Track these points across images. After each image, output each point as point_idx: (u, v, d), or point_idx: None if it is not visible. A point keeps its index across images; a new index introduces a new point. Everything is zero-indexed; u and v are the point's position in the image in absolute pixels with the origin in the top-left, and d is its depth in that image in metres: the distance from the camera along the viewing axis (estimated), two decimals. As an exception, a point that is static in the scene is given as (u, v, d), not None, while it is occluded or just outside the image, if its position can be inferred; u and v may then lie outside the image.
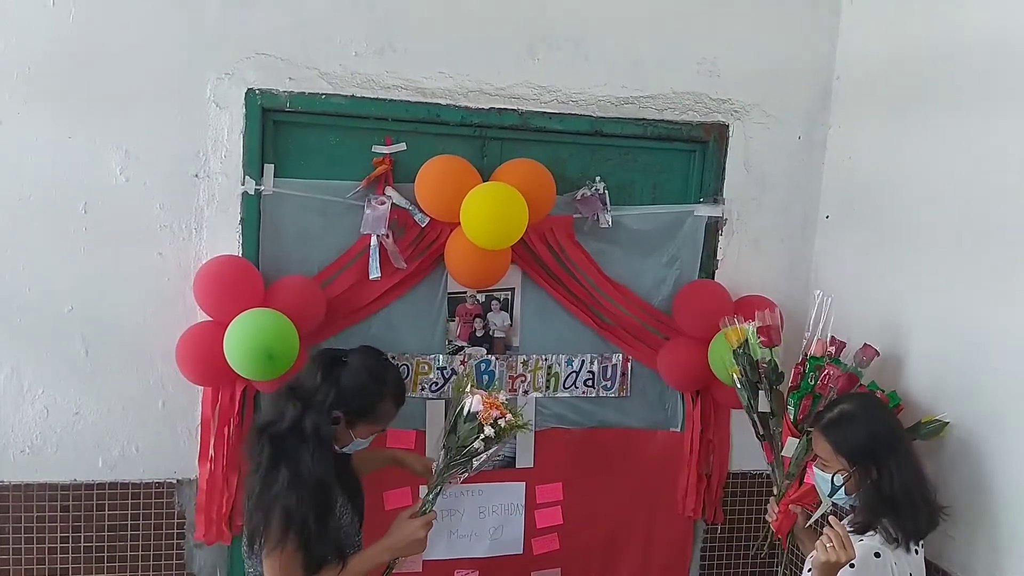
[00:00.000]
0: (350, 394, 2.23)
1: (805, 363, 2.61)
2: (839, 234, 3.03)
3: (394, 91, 2.72)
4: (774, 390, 2.67)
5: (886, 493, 2.12)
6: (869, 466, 2.16)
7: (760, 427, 2.72)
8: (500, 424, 2.24)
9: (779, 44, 3.00)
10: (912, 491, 2.13)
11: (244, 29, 2.60)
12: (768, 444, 2.72)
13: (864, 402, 2.33)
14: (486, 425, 2.22)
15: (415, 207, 2.74)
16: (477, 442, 2.22)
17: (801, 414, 2.58)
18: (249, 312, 2.44)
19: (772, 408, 2.67)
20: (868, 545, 2.07)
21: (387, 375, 2.33)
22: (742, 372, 2.70)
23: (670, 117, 2.95)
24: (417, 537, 2.21)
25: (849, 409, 2.25)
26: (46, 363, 2.61)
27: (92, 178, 2.56)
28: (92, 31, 2.51)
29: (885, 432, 2.22)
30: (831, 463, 2.22)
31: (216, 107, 2.61)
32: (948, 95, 2.53)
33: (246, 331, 2.40)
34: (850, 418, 2.23)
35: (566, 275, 2.92)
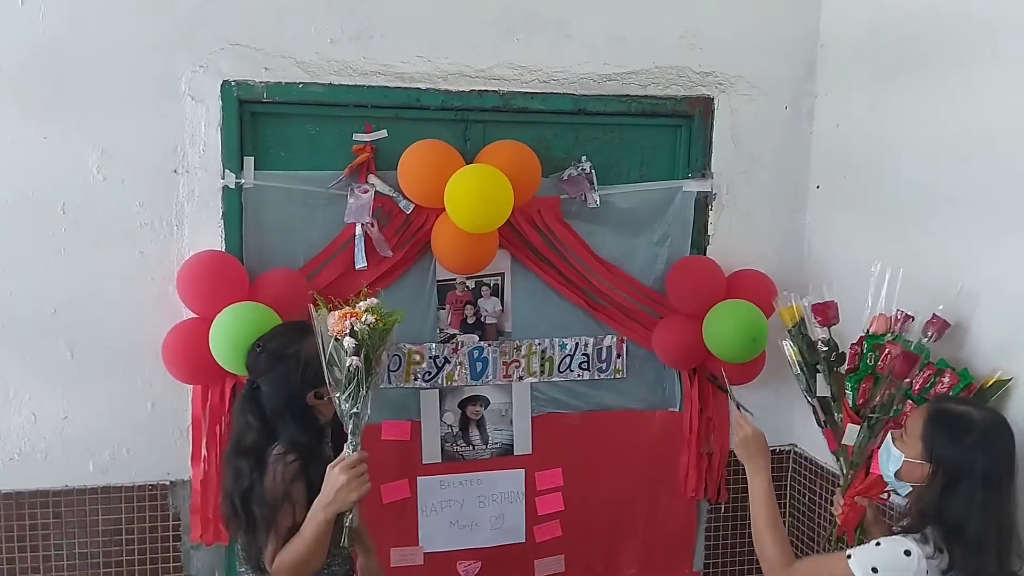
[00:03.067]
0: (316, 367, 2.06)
1: (863, 343, 2.43)
2: (831, 203, 2.99)
3: (372, 77, 2.68)
4: (835, 373, 2.51)
5: (949, 520, 1.88)
6: (948, 483, 1.90)
7: (821, 413, 2.55)
8: (357, 328, 1.96)
9: (761, 14, 2.96)
10: (984, 539, 1.86)
11: (217, 20, 2.56)
12: (830, 431, 2.53)
13: (992, 424, 1.96)
14: (344, 337, 1.96)
15: (399, 194, 2.70)
16: (348, 359, 1.96)
17: (861, 398, 2.40)
18: (234, 306, 2.40)
19: (832, 392, 2.50)
20: (900, 540, 1.88)
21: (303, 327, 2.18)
22: (799, 353, 2.56)
23: (654, 92, 2.91)
24: (339, 483, 1.97)
25: (974, 419, 1.94)
26: (31, 368, 2.57)
27: (69, 178, 2.52)
28: (62, 30, 2.46)
29: (990, 464, 1.90)
30: (910, 444, 2.00)
31: (192, 100, 2.57)
32: (933, 58, 2.49)
33: (231, 325, 2.36)
34: (967, 427, 1.92)
35: (556, 257, 2.88)
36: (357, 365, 1.97)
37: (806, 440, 3.08)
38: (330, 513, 1.97)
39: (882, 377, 2.34)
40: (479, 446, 2.97)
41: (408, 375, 2.86)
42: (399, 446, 2.85)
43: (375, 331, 1.99)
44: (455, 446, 2.94)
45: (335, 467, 1.99)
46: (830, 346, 2.53)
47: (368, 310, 2.00)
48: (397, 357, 2.84)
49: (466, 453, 2.96)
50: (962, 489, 1.88)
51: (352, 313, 1.99)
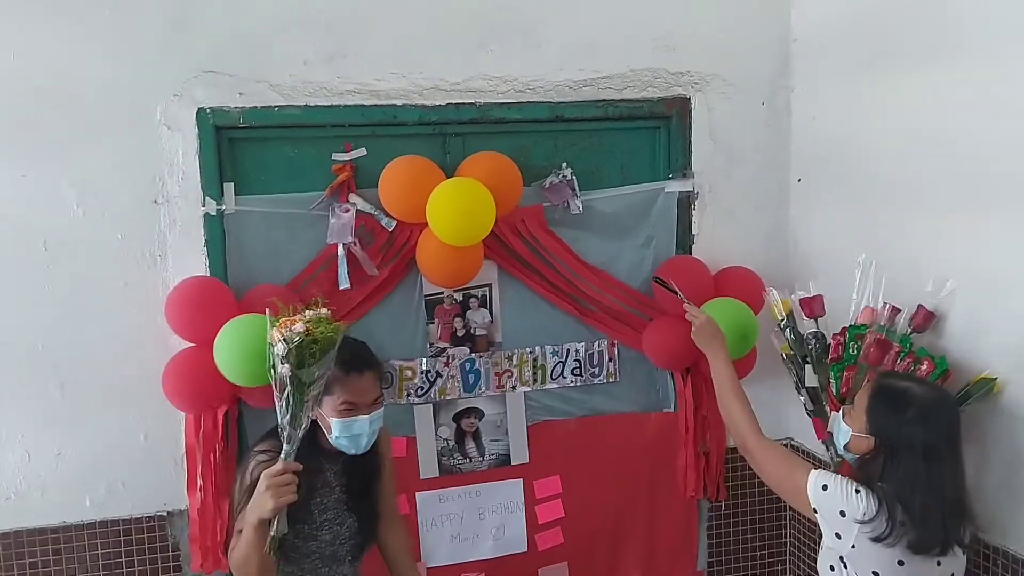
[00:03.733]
0: None
1: (845, 333, 2.50)
2: (813, 196, 3.00)
3: (348, 96, 2.69)
4: (822, 363, 2.58)
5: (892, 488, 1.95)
6: (890, 456, 1.98)
7: (811, 403, 2.66)
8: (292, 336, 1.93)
9: (733, 12, 2.97)
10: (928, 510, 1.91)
11: (188, 48, 2.56)
12: (819, 420, 2.64)
13: (934, 400, 2.01)
14: (276, 344, 1.94)
15: (381, 211, 2.70)
16: (281, 366, 1.94)
17: (844, 386, 2.47)
18: (233, 321, 2.39)
19: (820, 382, 2.59)
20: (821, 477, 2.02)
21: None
22: (789, 346, 2.66)
23: (630, 96, 2.92)
24: (260, 488, 1.96)
25: (915, 394, 2.00)
26: (22, 407, 2.56)
27: (50, 215, 2.51)
28: (34, 67, 2.46)
29: (932, 439, 1.95)
30: (856, 419, 2.08)
31: (168, 130, 2.57)
32: (903, 49, 2.51)
33: (239, 337, 2.34)
34: (907, 402, 1.99)
35: (542, 265, 2.88)
36: (286, 373, 1.95)
37: (802, 433, 3.07)
38: (253, 518, 1.97)
39: (866, 367, 2.39)
40: (476, 458, 2.96)
41: (400, 391, 2.86)
42: (396, 462, 2.80)
43: (305, 344, 1.94)
44: (452, 459, 2.94)
45: (264, 472, 1.99)
46: (817, 338, 2.59)
47: (305, 319, 1.97)
48: (389, 374, 2.84)
49: (463, 466, 2.95)
50: (903, 462, 1.96)
51: (291, 321, 1.97)
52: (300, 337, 1.93)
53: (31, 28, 2.45)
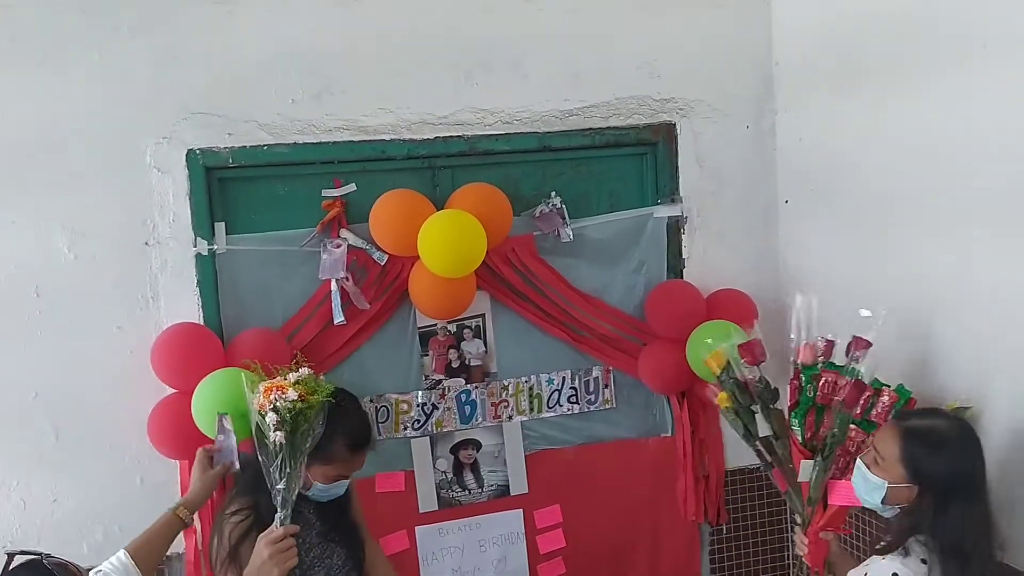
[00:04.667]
0: None
1: (799, 375, 2.35)
2: (801, 217, 3.02)
3: (336, 133, 2.71)
4: (772, 409, 2.43)
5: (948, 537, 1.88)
6: (939, 499, 1.90)
7: (766, 454, 2.44)
8: (279, 405, 1.91)
9: (715, 38, 3.01)
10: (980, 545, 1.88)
11: (177, 90, 2.57)
12: (779, 471, 2.42)
13: (960, 431, 1.99)
14: (266, 414, 1.92)
15: (372, 246, 2.71)
16: (273, 434, 1.92)
17: (809, 431, 2.32)
18: (211, 376, 2.39)
19: (774, 430, 2.40)
20: (886, 564, 1.89)
21: (339, 415, 2.16)
22: (732, 398, 2.45)
23: (616, 123, 2.95)
24: (262, 557, 1.94)
25: (944, 430, 1.97)
26: (17, 454, 2.54)
27: (41, 260, 2.51)
28: (23, 113, 2.47)
29: (971, 471, 1.93)
30: (890, 469, 1.96)
31: (158, 172, 2.58)
32: (885, 65, 2.53)
33: (211, 395, 2.34)
34: (941, 440, 1.94)
35: (535, 294, 2.89)
36: (280, 441, 1.92)
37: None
38: None
39: (827, 408, 2.28)
40: (475, 490, 2.95)
41: (397, 425, 2.86)
42: (394, 497, 2.83)
43: (298, 410, 1.92)
44: (451, 492, 2.93)
45: (261, 539, 1.96)
46: (763, 383, 2.43)
47: (296, 383, 1.94)
48: (385, 408, 2.84)
49: (462, 498, 2.94)
50: (954, 503, 1.87)
51: (279, 387, 1.93)
52: (295, 405, 1.91)
53: (19, 74, 2.47)
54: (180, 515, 2.11)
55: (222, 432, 2.23)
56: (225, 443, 2.23)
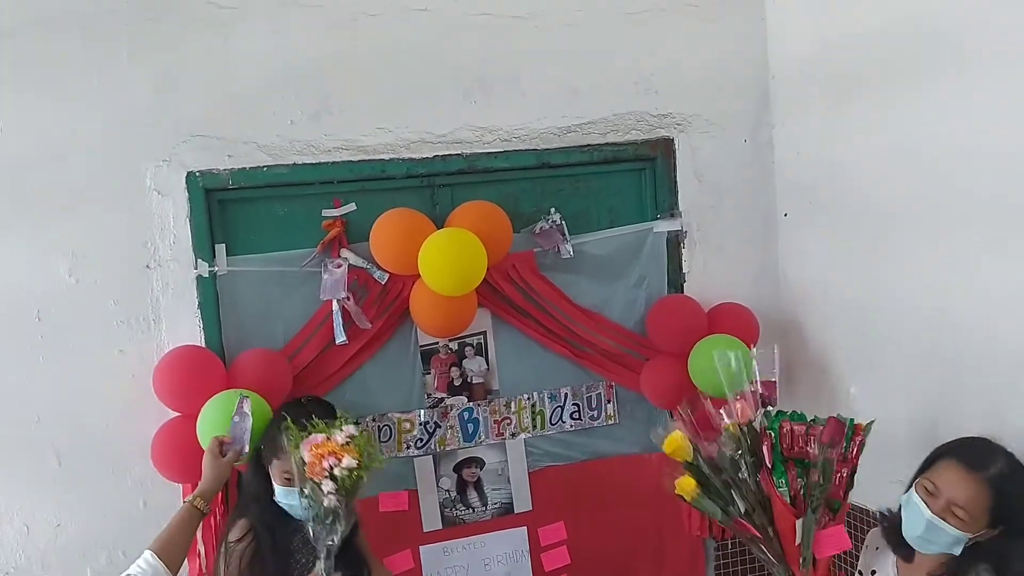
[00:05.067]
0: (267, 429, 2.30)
1: (768, 435, 2.16)
2: (800, 229, 3.02)
3: (335, 153, 2.71)
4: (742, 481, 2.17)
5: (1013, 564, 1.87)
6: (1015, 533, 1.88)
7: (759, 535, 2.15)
8: (338, 474, 1.94)
9: (711, 53, 3.02)
10: None
11: (176, 113, 2.58)
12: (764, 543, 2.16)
13: (1015, 459, 1.95)
14: (323, 481, 1.96)
15: (373, 265, 2.71)
16: (327, 498, 1.97)
17: (793, 490, 2.13)
18: (214, 398, 2.39)
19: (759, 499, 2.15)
20: None
21: (293, 408, 2.29)
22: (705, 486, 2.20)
23: (614, 139, 2.95)
24: None
25: (1013, 461, 1.92)
26: (20, 479, 2.53)
27: (42, 285, 2.51)
28: (23, 138, 2.48)
29: None
30: (973, 521, 1.88)
31: (158, 195, 2.58)
32: (879, 77, 2.55)
33: (216, 417, 2.35)
34: (1017, 475, 1.89)
35: (536, 310, 2.89)
36: (334, 504, 1.96)
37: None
38: None
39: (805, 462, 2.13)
40: (479, 508, 2.94)
41: (400, 444, 2.85)
42: (398, 517, 2.82)
43: (352, 477, 1.97)
44: (455, 511, 2.92)
45: None
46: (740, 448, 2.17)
47: (348, 447, 1.96)
48: (387, 427, 2.83)
49: (466, 516, 2.93)
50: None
51: (333, 452, 1.95)
52: (353, 473, 1.95)
53: (20, 99, 2.48)
54: (197, 506, 2.18)
55: (239, 415, 2.30)
56: (239, 426, 2.31)
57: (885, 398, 2.52)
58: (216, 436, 2.29)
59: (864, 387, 2.77)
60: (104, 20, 2.52)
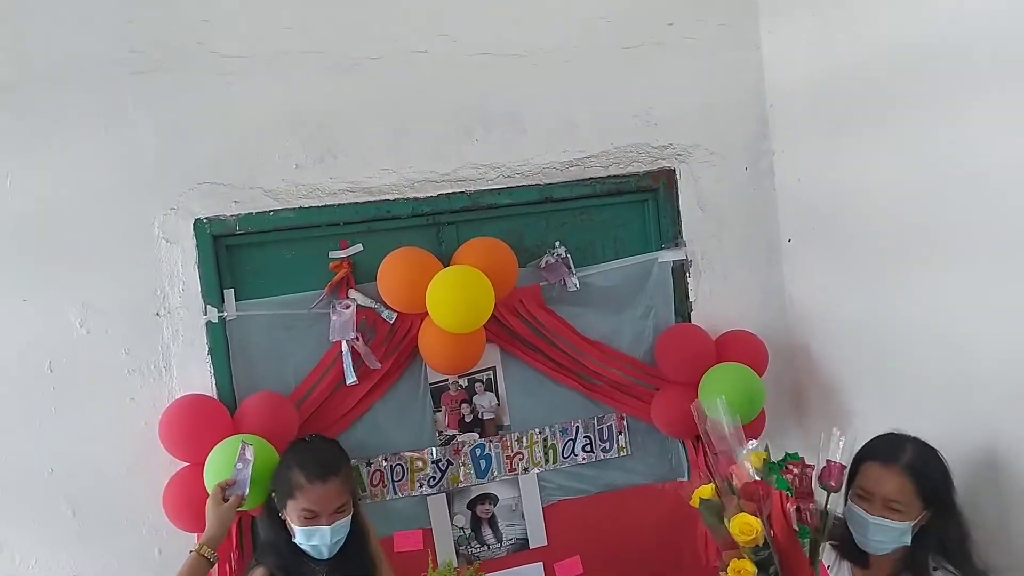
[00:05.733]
0: (276, 472, 2.33)
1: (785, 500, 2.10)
2: (805, 255, 3.04)
3: (341, 195, 2.73)
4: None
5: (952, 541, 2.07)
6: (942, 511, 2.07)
7: None
8: None
9: (708, 84, 3.05)
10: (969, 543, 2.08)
11: (183, 162, 2.61)
12: None
13: (921, 443, 2.16)
14: None
15: (381, 305, 2.72)
16: None
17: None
18: (219, 445, 2.40)
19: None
20: None
21: (301, 447, 2.35)
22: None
23: (616, 172, 2.98)
24: None
25: (921, 445, 2.13)
26: (35, 532, 2.52)
27: (53, 336, 2.52)
28: (31, 190, 2.50)
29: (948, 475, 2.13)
30: (909, 508, 2.06)
31: (166, 243, 2.60)
32: (877, 104, 2.57)
33: (221, 465, 2.36)
34: (927, 456, 2.10)
35: (545, 344, 2.89)
36: None
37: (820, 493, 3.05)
38: None
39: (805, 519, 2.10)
40: (493, 545, 2.93)
41: (412, 483, 2.84)
42: (413, 556, 2.80)
43: None
44: (469, 548, 2.91)
45: None
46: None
47: None
48: (400, 466, 2.83)
49: (481, 554, 2.92)
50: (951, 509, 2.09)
51: None
52: None
53: (27, 151, 2.50)
54: (204, 554, 2.20)
55: (241, 460, 2.31)
56: (241, 472, 2.31)
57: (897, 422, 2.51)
58: (219, 482, 2.30)
59: (873, 409, 2.77)
60: (109, 71, 2.55)
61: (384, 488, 2.81)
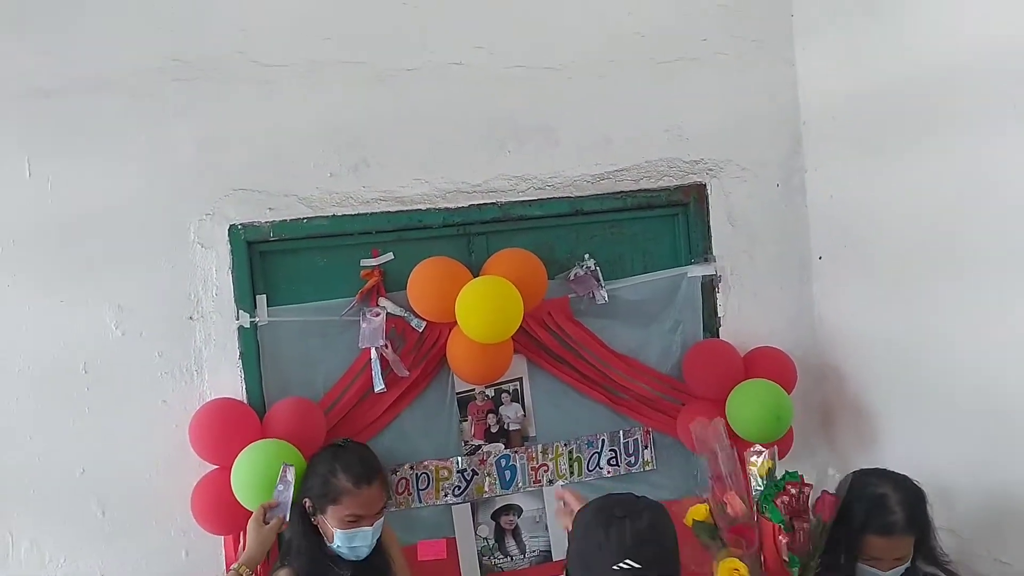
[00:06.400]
0: (310, 479, 2.34)
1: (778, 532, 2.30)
2: (835, 273, 3.03)
3: (374, 204, 2.76)
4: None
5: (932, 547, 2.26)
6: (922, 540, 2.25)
7: None
8: None
9: (741, 100, 3.05)
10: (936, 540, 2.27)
11: (219, 168, 2.64)
12: None
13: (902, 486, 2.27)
14: None
15: (410, 313, 2.74)
16: None
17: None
18: (247, 449, 2.42)
19: None
20: None
21: (341, 453, 2.35)
22: None
23: (647, 186, 2.98)
24: None
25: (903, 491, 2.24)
26: (64, 530, 2.56)
27: (88, 337, 2.56)
28: (71, 194, 2.54)
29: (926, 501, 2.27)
30: (904, 550, 2.22)
31: (201, 248, 2.63)
32: (910, 122, 2.58)
33: (248, 470, 2.38)
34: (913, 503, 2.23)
35: (572, 356, 2.90)
36: None
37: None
38: None
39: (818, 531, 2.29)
40: (517, 556, 2.93)
41: (438, 492, 2.85)
42: (436, 566, 2.81)
43: None
44: (492, 559, 2.91)
45: None
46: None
47: None
48: (425, 475, 2.84)
49: (504, 565, 2.92)
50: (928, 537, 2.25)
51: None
52: None
53: (68, 156, 2.54)
54: (242, 574, 2.20)
55: (282, 482, 2.33)
56: (282, 494, 2.33)
57: (927, 443, 2.51)
58: (262, 504, 2.31)
59: (903, 430, 2.75)
60: (150, 79, 2.59)
61: (409, 496, 2.82)
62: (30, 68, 2.52)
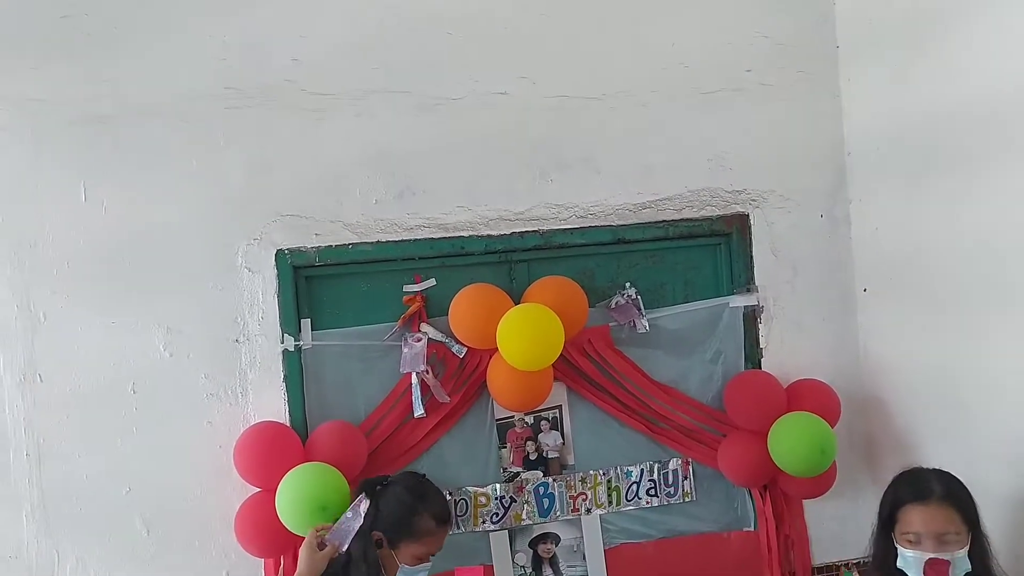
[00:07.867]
0: (387, 512, 2.31)
1: None
2: (880, 305, 2.99)
3: (417, 231, 2.79)
4: None
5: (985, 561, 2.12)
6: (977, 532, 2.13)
7: None
8: None
9: (785, 131, 3.04)
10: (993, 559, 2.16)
11: (268, 194, 2.70)
12: None
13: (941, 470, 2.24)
14: None
15: (451, 339, 2.76)
16: None
17: None
18: (292, 472, 2.45)
19: None
20: None
21: (425, 490, 2.36)
22: None
23: (689, 215, 2.98)
24: None
25: (942, 472, 2.19)
26: (109, 549, 2.61)
27: (137, 358, 2.62)
28: (124, 218, 2.62)
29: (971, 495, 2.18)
30: (962, 537, 2.09)
31: (248, 272, 2.69)
32: (955, 154, 2.54)
33: (293, 493, 2.41)
34: (954, 481, 2.17)
35: (612, 384, 2.89)
36: None
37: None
38: None
39: None
40: (554, 586, 2.92)
41: (476, 519, 2.85)
42: (473, 593, 2.81)
43: None
44: (530, 587, 2.90)
45: None
46: None
47: None
48: (463, 501, 2.84)
49: (541, 593, 2.91)
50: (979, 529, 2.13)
51: None
52: None
53: (121, 180, 2.62)
54: None
55: (352, 512, 2.32)
56: (348, 522, 2.30)
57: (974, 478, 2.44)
58: (315, 527, 2.29)
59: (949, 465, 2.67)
60: (202, 106, 2.67)
61: (447, 522, 2.82)
62: (86, 95, 2.61)
